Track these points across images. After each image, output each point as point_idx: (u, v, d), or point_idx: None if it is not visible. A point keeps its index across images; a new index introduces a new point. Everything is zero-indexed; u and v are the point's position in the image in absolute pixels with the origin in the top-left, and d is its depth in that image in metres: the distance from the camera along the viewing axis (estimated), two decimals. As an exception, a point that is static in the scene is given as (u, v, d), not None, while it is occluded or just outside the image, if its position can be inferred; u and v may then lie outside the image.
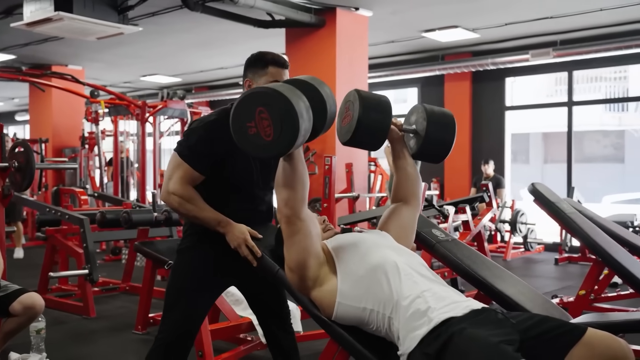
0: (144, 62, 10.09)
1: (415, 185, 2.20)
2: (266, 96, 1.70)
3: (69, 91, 7.69)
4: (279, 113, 1.67)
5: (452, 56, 9.08)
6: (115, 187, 8.22)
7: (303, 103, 1.72)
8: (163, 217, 4.30)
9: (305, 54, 6.66)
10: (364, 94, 2.05)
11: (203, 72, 10.93)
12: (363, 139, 2.04)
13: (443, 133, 2.14)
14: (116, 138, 8.23)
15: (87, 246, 4.43)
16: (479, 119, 9.33)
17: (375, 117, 2.02)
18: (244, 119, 1.73)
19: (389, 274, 1.81)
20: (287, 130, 1.68)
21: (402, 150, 2.20)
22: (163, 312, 2.28)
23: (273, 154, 1.73)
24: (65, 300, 4.80)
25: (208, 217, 2.17)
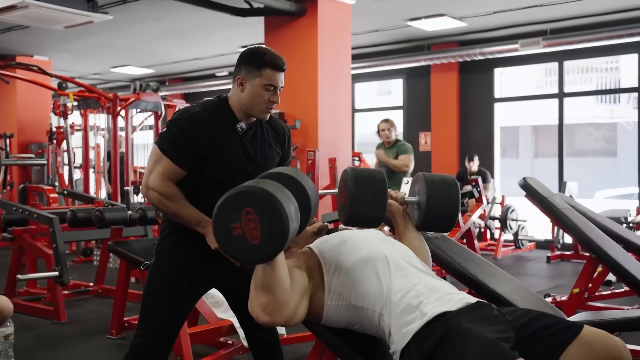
0: (115, 52, 9.99)
1: (421, 255, 2.14)
2: (255, 197, 1.65)
3: (35, 83, 7.58)
4: (268, 216, 1.63)
5: (438, 46, 9.12)
6: (86, 184, 8.14)
7: (293, 205, 1.69)
8: (138, 215, 4.27)
9: (286, 44, 6.65)
10: (357, 173, 2.07)
11: (177, 63, 10.86)
12: (360, 219, 2.07)
13: (445, 203, 2.13)
14: (86, 132, 8.15)
15: (57, 247, 4.39)
16: (466, 112, 9.39)
17: (369, 197, 2.03)
18: (229, 218, 1.66)
19: (378, 267, 1.82)
20: (275, 234, 1.63)
21: (404, 225, 2.19)
22: (140, 316, 2.26)
23: (258, 258, 1.68)
24: (34, 304, 4.75)
25: (188, 215, 2.16)
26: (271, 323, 1.76)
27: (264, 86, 2.18)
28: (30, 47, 9.54)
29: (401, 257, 1.89)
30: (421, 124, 9.71)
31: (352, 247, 1.91)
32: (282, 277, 1.74)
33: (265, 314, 1.74)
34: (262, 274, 1.73)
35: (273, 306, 1.74)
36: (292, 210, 1.67)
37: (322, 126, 6.52)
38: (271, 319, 1.75)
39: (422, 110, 9.68)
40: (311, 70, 6.57)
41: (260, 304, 1.74)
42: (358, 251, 1.88)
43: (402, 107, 10.07)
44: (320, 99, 6.57)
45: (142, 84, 7.88)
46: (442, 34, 8.73)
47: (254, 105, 2.20)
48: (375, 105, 11.67)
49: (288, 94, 6.92)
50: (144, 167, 8.78)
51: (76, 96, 7.84)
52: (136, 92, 7.83)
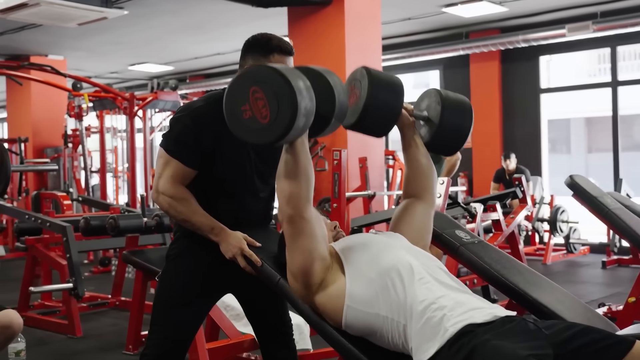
0: (131, 49, 10.13)
1: (429, 177, 2.20)
2: (259, 74, 1.73)
3: (49, 84, 7.72)
4: (273, 90, 1.69)
5: (477, 33, 9.02)
6: (103, 190, 8.26)
7: (302, 81, 1.73)
8: (154, 222, 4.30)
9: (311, 36, 6.64)
10: (373, 71, 2.05)
11: (197, 59, 10.96)
12: (371, 122, 2.05)
13: (459, 120, 2.14)
14: (102, 135, 8.28)
15: (70, 257, 4.44)
16: (510, 104, 9.27)
17: (386, 97, 2.02)
18: (237, 101, 1.75)
19: (403, 276, 1.81)
20: (284, 109, 1.68)
21: (413, 137, 2.20)
22: (150, 326, 2.29)
23: (271, 138, 1.73)
24: (49, 318, 4.83)
25: (200, 222, 2.17)
26: (295, 216, 1.83)
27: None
28: (45, 46, 9.73)
29: (425, 268, 1.87)
30: (460, 118, 9.59)
31: (375, 252, 1.91)
32: (305, 168, 1.84)
33: (290, 207, 1.83)
34: (284, 163, 1.85)
35: (296, 198, 1.83)
36: (302, 85, 1.71)
37: (352, 123, 6.48)
38: (295, 212, 1.83)
39: (462, 103, 9.56)
40: (338, 63, 6.54)
41: (284, 196, 1.84)
42: (382, 258, 1.87)
43: (439, 100, 9.96)
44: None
45: (160, 83, 7.97)
46: (482, 20, 8.62)
47: None
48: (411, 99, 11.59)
49: (314, 89, 6.92)
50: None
51: (91, 97, 7.97)
52: (154, 91, 7.92)
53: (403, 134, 2.21)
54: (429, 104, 2.20)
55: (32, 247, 4.92)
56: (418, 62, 9.58)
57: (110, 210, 5.37)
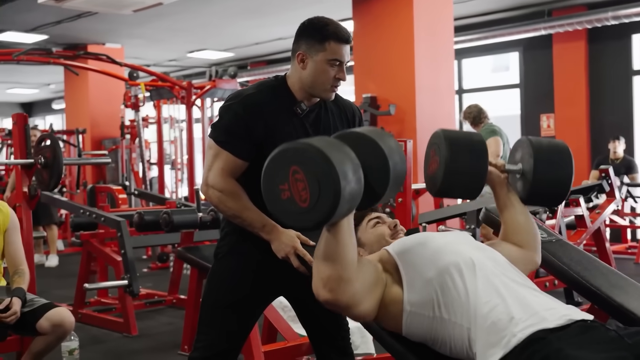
0: (189, 36, 10.32)
1: (529, 235, 2.10)
2: (300, 153, 1.66)
3: (105, 73, 7.97)
4: (314, 172, 1.62)
5: (561, 11, 8.75)
6: (160, 183, 8.46)
7: (349, 160, 1.67)
8: (209, 217, 4.37)
9: (377, 17, 6.59)
10: (451, 133, 2.04)
11: (259, 44, 11.06)
12: (454, 188, 2.05)
13: (556, 170, 2.08)
14: (159, 125, 8.48)
15: (125, 253, 4.55)
16: (598, 88, 8.97)
17: (466, 160, 2.00)
18: (276, 179, 1.69)
19: (464, 271, 1.77)
20: (325, 195, 1.62)
21: (507, 196, 2.14)
22: (198, 328, 2.31)
23: (310, 224, 1.68)
24: (104, 316, 4.98)
25: (251, 218, 2.17)
26: (332, 301, 1.76)
27: (329, 61, 2.17)
28: (102, 34, 10.03)
29: (492, 264, 1.82)
30: (542, 104, 9.36)
31: (433, 250, 1.87)
32: (347, 249, 1.76)
33: (326, 290, 1.76)
34: (324, 244, 1.77)
35: (335, 281, 1.75)
36: (349, 168, 1.65)
37: (421, 111, 6.41)
38: (332, 296, 1.76)
39: (544, 88, 9.35)
40: (407, 46, 6.49)
41: (322, 278, 1.77)
42: (441, 255, 1.84)
43: (518, 85, 9.77)
44: (417, 79, 6.47)
45: (219, 70, 8.09)
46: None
47: (318, 84, 2.20)
48: (488, 83, 11.37)
49: (380, 75, 6.88)
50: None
51: (148, 86, 8.17)
52: (212, 79, 8.04)
53: (495, 193, 2.16)
54: (522, 155, 2.14)
55: (87, 243, 5.07)
56: (495, 43, 9.38)
57: (166, 205, 5.49)
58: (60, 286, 6.29)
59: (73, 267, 7.09)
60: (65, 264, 7.77)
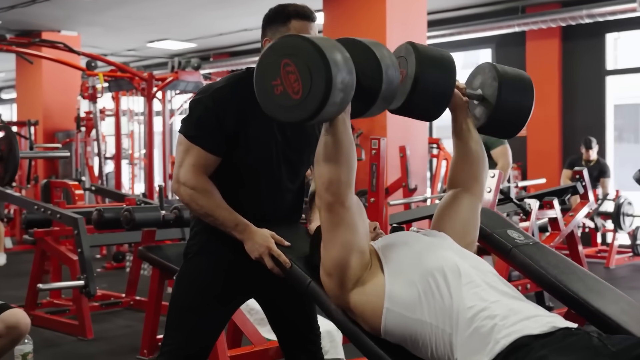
0: (151, 25, 10.21)
1: (479, 166, 2.18)
2: (291, 45, 1.75)
3: (61, 62, 7.84)
4: (306, 62, 1.70)
5: (535, 7, 8.89)
6: (117, 179, 8.36)
7: (340, 52, 1.74)
8: (173, 215, 4.33)
9: (349, 10, 6.61)
10: (420, 46, 2.04)
11: (222, 35, 11.01)
12: (420, 105, 2.04)
13: (519, 97, 2.11)
14: (118, 118, 8.38)
15: (82, 252, 4.48)
16: (571, 87, 9.13)
17: (436, 76, 2.00)
18: (268, 76, 1.78)
19: (449, 278, 1.79)
20: (317, 83, 1.69)
21: (465, 120, 2.18)
22: (165, 331, 2.30)
23: (304, 115, 1.74)
24: (58, 318, 4.90)
25: (223, 217, 2.16)
26: (335, 203, 1.85)
27: None
28: (57, 21, 9.88)
29: (474, 271, 1.85)
30: (514, 103, 9.47)
31: (418, 251, 1.90)
32: (347, 150, 1.85)
33: (329, 193, 1.85)
34: (323, 145, 1.86)
35: (336, 184, 1.84)
36: (338, 56, 1.72)
37: (393, 108, 6.44)
38: (335, 198, 1.85)
39: (516, 86, 9.44)
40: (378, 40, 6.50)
41: (323, 182, 1.86)
42: (425, 259, 1.86)
43: (490, 83, 9.86)
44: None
45: (182, 61, 8.02)
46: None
47: None
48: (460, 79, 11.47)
49: (351, 69, 6.89)
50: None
51: (107, 76, 8.06)
52: (174, 71, 7.97)
53: (455, 116, 2.18)
54: (483, 80, 2.17)
55: (41, 241, 4.99)
56: (468, 39, 9.48)
57: (125, 202, 5.42)
58: (8, 286, 6.18)
59: (22, 267, 6.98)
60: (13, 262, 7.64)
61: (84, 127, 9.44)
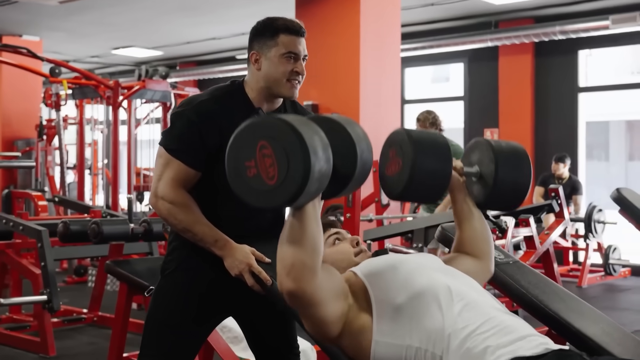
0: (116, 31, 10.13)
1: (485, 243, 2.16)
2: (269, 127, 1.68)
3: (23, 68, 7.73)
4: (284, 147, 1.64)
5: (508, 22, 9.01)
6: (80, 189, 8.26)
7: (319, 138, 1.69)
8: (141, 229, 4.30)
9: (321, 21, 6.63)
10: (415, 133, 2.05)
11: (190, 43, 10.95)
12: (418, 193, 2.06)
13: (516, 174, 2.14)
14: (82, 127, 8.29)
15: (45, 265, 4.44)
16: (543, 104, 9.25)
17: (433, 164, 2.01)
18: (242, 155, 1.70)
19: (441, 300, 1.79)
20: (295, 170, 1.63)
21: (465, 200, 2.17)
22: (140, 350, 2.28)
23: (277, 202, 1.69)
24: (18, 334, 4.82)
25: (203, 232, 2.16)
26: (296, 291, 1.75)
27: (283, 56, 2.19)
28: (19, 25, 9.74)
29: (467, 290, 1.86)
30: (486, 118, 9.59)
31: (406, 274, 1.88)
32: (313, 236, 1.76)
33: (290, 278, 1.75)
34: (289, 229, 1.77)
35: (299, 269, 1.74)
36: (318, 143, 1.67)
37: (365, 121, 6.47)
38: (296, 285, 1.74)
39: (488, 101, 9.57)
40: (352, 52, 6.54)
41: (285, 266, 1.76)
42: (414, 281, 1.85)
43: (462, 97, 9.98)
44: (362, 87, 6.54)
45: (149, 69, 7.99)
46: (513, 8, 8.61)
47: (275, 81, 2.21)
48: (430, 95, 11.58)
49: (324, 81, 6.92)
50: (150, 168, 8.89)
51: (71, 83, 7.98)
52: (141, 79, 7.93)
53: (453, 197, 2.19)
54: (480, 158, 2.18)
55: (1, 253, 4.91)
56: (440, 53, 9.56)
57: (90, 214, 5.37)
58: (-35, 301, 6.05)
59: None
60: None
61: (45, 135, 9.31)
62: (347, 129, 1.84)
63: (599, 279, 7.77)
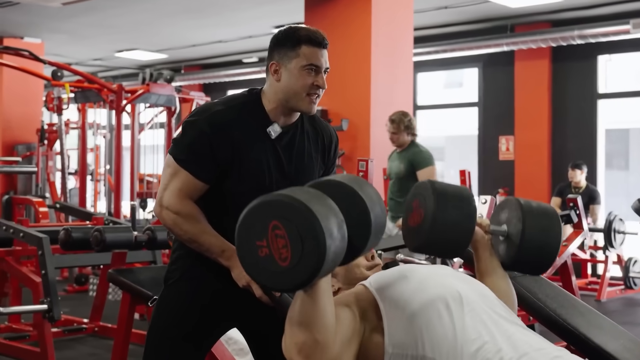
0: (120, 33, 10.18)
1: (510, 304, 2.13)
2: (283, 207, 1.65)
3: (24, 71, 7.77)
4: (298, 230, 1.62)
5: (525, 26, 9.02)
6: (82, 196, 8.29)
7: (334, 216, 1.67)
8: (145, 237, 4.30)
9: (331, 24, 6.64)
10: (439, 186, 2.05)
11: (195, 46, 11.00)
12: (439, 245, 2.05)
13: (544, 237, 2.12)
14: (84, 131, 8.31)
15: (46, 273, 4.44)
16: (561, 111, 9.24)
17: (456, 218, 2.01)
18: (254, 234, 1.67)
19: (451, 305, 1.80)
20: (309, 254, 1.61)
21: (489, 260, 2.17)
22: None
23: (289, 285, 1.68)
24: (17, 344, 4.83)
25: (209, 242, 2.16)
26: None
27: (304, 68, 2.17)
28: (20, 27, 9.81)
29: (479, 298, 1.86)
30: (501, 125, 9.58)
31: (417, 283, 1.89)
32: (325, 312, 1.74)
33: (301, 356, 1.74)
34: (299, 305, 1.74)
35: (311, 347, 1.72)
36: (334, 224, 1.65)
37: (376, 127, 6.48)
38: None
39: (503, 107, 9.57)
40: (363, 57, 6.55)
41: (296, 343, 1.74)
42: (425, 289, 1.86)
43: (477, 103, 9.98)
44: (373, 93, 6.54)
45: (153, 73, 8.03)
46: (530, 12, 8.61)
47: (295, 95, 2.19)
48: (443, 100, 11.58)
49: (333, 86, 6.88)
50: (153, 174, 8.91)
51: (73, 87, 8.01)
52: (145, 83, 7.95)
53: (477, 255, 2.18)
54: (509, 217, 2.17)
55: (1, 261, 4.93)
56: (454, 57, 9.56)
57: (93, 221, 5.38)
58: (-37, 310, 6.08)
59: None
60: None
61: (47, 140, 9.34)
62: (360, 193, 1.81)
63: (619, 292, 7.73)
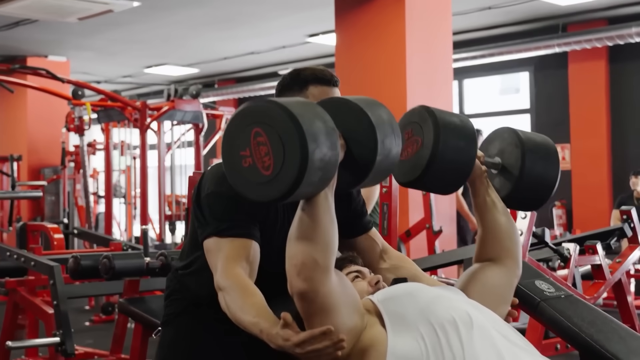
0: (147, 48, 10.34)
1: (510, 240, 2.16)
2: (263, 112, 1.67)
3: (45, 91, 7.90)
4: (278, 134, 1.63)
5: (578, 25, 8.91)
6: (108, 220, 8.36)
7: (322, 122, 1.67)
8: (158, 263, 4.27)
9: (362, 30, 6.62)
10: (438, 112, 2.02)
11: (228, 59, 11.13)
12: (437, 179, 2.03)
13: (544, 166, 2.13)
14: (108, 152, 8.39)
15: (58, 304, 4.44)
16: (621, 115, 9.11)
17: (457, 146, 1.99)
18: (237, 146, 1.70)
19: (460, 329, 1.79)
20: (290, 159, 1.61)
21: (487, 192, 2.16)
22: None
23: (274, 194, 1.67)
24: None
25: (246, 323, 1.92)
26: (308, 291, 1.74)
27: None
28: (44, 45, 10.04)
29: (490, 323, 1.85)
30: (556, 133, 9.39)
31: (425, 302, 1.88)
32: (325, 230, 1.76)
33: (301, 279, 1.75)
34: (297, 221, 1.77)
35: (310, 268, 1.74)
36: (318, 127, 1.65)
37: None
38: (307, 286, 1.74)
39: (558, 114, 9.48)
40: (397, 64, 6.49)
41: (295, 264, 1.75)
42: (433, 308, 1.86)
43: (528, 110, 9.86)
44: (410, 102, 6.46)
45: (178, 89, 8.06)
46: (583, 9, 8.55)
47: None
48: (495, 108, 11.44)
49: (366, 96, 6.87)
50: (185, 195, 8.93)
51: (95, 106, 8.10)
52: (170, 99, 8.01)
53: (475, 189, 2.17)
54: (502, 147, 2.18)
55: (13, 292, 4.95)
56: (502, 62, 9.52)
57: (110, 247, 5.39)
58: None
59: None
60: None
61: (72, 162, 9.48)
62: (367, 111, 1.80)
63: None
